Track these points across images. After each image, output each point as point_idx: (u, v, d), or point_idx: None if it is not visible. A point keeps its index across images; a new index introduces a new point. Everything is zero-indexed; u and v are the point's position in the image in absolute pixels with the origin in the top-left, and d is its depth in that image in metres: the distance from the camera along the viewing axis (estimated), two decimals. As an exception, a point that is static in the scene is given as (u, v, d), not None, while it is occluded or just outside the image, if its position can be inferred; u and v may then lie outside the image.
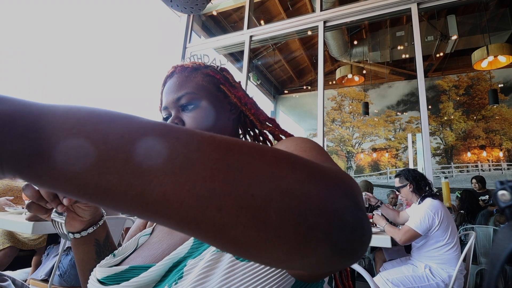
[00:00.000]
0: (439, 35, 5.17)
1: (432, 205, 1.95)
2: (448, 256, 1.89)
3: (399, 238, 1.94)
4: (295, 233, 0.20)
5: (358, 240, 0.22)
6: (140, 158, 0.20)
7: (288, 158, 0.22)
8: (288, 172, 0.21)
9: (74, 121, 0.20)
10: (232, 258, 0.41)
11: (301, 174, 0.21)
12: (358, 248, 0.22)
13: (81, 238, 0.58)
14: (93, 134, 0.20)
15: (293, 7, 4.93)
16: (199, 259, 0.43)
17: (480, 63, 4.29)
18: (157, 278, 0.46)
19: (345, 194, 0.22)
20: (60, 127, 0.20)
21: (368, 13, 3.28)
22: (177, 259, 0.46)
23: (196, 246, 0.47)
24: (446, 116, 6.02)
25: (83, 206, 0.55)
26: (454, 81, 6.11)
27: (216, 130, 0.58)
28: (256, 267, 0.41)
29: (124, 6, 9.87)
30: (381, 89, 6.68)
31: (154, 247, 0.54)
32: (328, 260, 0.21)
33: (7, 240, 2.32)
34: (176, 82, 0.60)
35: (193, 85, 0.60)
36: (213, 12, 4.64)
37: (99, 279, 0.50)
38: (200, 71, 0.62)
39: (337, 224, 0.21)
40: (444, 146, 5.95)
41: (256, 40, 3.93)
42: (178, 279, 0.43)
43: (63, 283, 1.77)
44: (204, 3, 2.57)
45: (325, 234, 0.20)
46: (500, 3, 4.91)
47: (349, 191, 0.23)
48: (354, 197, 0.23)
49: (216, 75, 0.63)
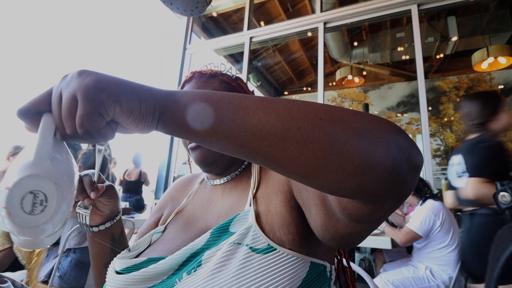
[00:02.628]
0: (439, 36, 5.17)
1: (433, 206, 1.95)
2: (449, 257, 1.89)
3: (400, 239, 1.94)
4: (360, 147, 0.27)
5: (414, 159, 0.29)
6: (239, 101, 0.31)
7: (342, 107, 0.32)
8: (345, 110, 0.30)
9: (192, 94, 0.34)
10: (248, 250, 0.44)
11: (357, 112, 0.30)
12: (414, 167, 0.29)
13: (99, 232, 0.62)
14: (209, 94, 0.33)
15: (293, 8, 4.94)
16: (216, 249, 0.46)
17: (480, 64, 4.29)
18: (174, 266, 0.49)
19: (395, 126, 0.29)
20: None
21: (368, 14, 3.28)
22: (194, 250, 0.49)
23: (213, 239, 0.50)
24: (447, 117, 6.02)
25: (104, 201, 0.59)
26: (454, 82, 6.11)
27: None
28: (271, 259, 0.43)
29: (125, 7, 9.90)
30: (381, 90, 6.67)
31: (168, 242, 0.57)
32: (385, 182, 0.28)
33: (7, 241, 2.31)
34: (195, 86, 0.63)
35: (212, 90, 0.63)
36: (213, 13, 4.65)
37: (117, 270, 0.53)
38: (217, 78, 0.66)
39: (395, 142, 0.28)
40: (444, 147, 5.95)
41: (256, 41, 3.93)
42: (197, 266, 0.46)
43: (62, 285, 1.77)
44: (204, 5, 2.57)
45: (386, 148, 0.27)
46: (500, 5, 4.91)
47: (397, 127, 0.30)
48: (403, 132, 0.30)
49: (232, 82, 0.67)
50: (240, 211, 0.52)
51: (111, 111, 0.31)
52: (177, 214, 0.65)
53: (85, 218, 0.57)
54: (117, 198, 0.62)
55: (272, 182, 0.55)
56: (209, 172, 0.64)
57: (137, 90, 0.32)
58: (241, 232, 0.47)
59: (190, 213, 0.63)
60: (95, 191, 0.54)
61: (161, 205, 0.72)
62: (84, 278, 1.79)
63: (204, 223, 0.58)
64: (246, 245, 0.45)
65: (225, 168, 0.62)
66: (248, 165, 0.64)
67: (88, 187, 0.54)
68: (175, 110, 0.32)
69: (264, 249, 0.44)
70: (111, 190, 0.60)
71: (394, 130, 0.29)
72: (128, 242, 0.68)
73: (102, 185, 0.56)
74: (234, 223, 0.51)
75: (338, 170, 0.27)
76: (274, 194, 0.52)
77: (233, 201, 0.58)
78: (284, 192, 0.51)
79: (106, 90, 0.30)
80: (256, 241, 0.45)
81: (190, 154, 0.61)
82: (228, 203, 0.58)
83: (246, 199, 0.55)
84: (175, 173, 3.94)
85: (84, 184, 0.54)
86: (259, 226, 0.48)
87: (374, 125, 0.28)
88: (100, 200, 0.59)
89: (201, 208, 0.62)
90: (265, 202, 0.52)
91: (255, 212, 0.50)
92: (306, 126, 0.28)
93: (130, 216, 2.62)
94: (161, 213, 0.70)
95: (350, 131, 0.27)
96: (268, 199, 0.52)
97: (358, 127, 0.27)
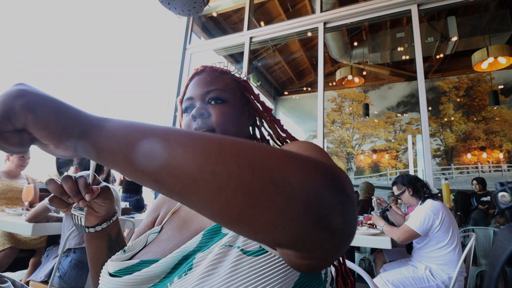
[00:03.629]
0: (439, 36, 5.18)
1: (432, 206, 1.95)
2: (449, 257, 1.89)
3: (398, 236, 1.95)
4: (275, 201, 0.24)
5: (338, 218, 0.25)
6: (163, 133, 0.29)
7: (276, 149, 0.28)
8: (273, 154, 0.27)
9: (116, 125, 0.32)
10: (240, 252, 0.43)
11: (286, 157, 0.26)
12: (339, 226, 0.25)
13: (96, 232, 0.62)
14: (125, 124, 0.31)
15: (293, 8, 4.94)
16: (208, 252, 0.46)
17: (480, 64, 4.29)
18: (166, 269, 0.48)
19: (325, 176, 0.26)
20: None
21: (368, 14, 3.28)
22: (186, 253, 0.49)
23: (205, 241, 0.49)
24: (446, 117, 6.02)
25: (100, 202, 0.59)
26: (454, 82, 6.11)
27: (235, 130, 0.62)
28: (262, 262, 0.43)
29: (125, 7, 9.89)
30: (381, 90, 6.68)
31: (163, 243, 0.56)
32: (309, 233, 0.25)
33: (7, 241, 2.32)
34: (207, 78, 0.64)
35: (223, 84, 0.64)
36: (213, 13, 4.65)
37: (110, 272, 0.53)
38: (228, 75, 0.67)
39: (314, 197, 0.24)
40: (444, 147, 5.95)
41: (256, 42, 3.93)
42: (188, 270, 0.45)
43: (62, 285, 1.77)
44: (201, 5, 2.57)
45: (303, 204, 0.24)
46: (500, 5, 4.92)
47: (331, 175, 0.26)
48: (337, 181, 0.26)
49: (242, 82, 0.69)
50: None
51: (22, 118, 0.30)
52: (173, 214, 0.64)
53: (80, 219, 0.57)
54: (113, 199, 0.61)
55: None
56: None
57: (62, 107, 0.32)
58: (232, 234, 0.46)
59: (186, 213, 0.62)
60: (90, 193, 0.53)
61: (157, 205, 0.71)
62: (84, 278, 1.79)
63: (199, 223, 0.57)
64: (237, 247, 0.44)
65: None
66: None
67: (83, 189, 0.53)
68: (96, 135, 0.31)
69: (255, 251, 0.44)
70: (107, 191, 0.59)
71: (318, 179, 0.25)
72: (126, 242, 0.67)
73: (97, 187, 0.56)
74: None
75: (251, 222, 0.25)
76: None
77: None
78: None
79: (23, 98, 0.30)
80: (247, 243, 0.44)
81: None
82: None
83: None
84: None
85: (79, 186, 0.53)
86: None
87: (298, 175, 0.25)
88: (95, 201, 0.58)
89: None
90: None
91: None
92: (221, 171, 0.25)
93: (130, 216, 2.63)
94: (158, 212, 0.69)
95: (268, 181, 0.24)
96: None
97: (277, 177, 0.24)
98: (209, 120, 0.60)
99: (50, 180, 0.52)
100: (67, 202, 0.55)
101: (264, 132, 0.73)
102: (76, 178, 0.54)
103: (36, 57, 6.68)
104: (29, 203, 2.37)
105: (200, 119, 0.59)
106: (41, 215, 1.84)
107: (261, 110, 0.70)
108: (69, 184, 0.52)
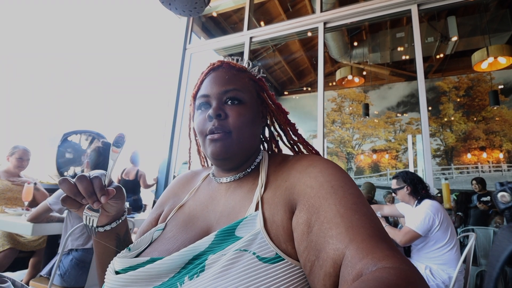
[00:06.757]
0: (439, 36, 5.18)
1: (432, 205, 1.95)
2: (448, 257, 1.89)
3: (399, 239, 1.94)
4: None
5: None
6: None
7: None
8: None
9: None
10: (255, 258, 0.43)
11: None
12: None
13: (105, 232, 0.61)
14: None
15: (293, 8, 4.94)
16: (221, 254, 0.45)
17: (480, 64, 4.29)
18: (174, 268, 0.47)
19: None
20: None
21: (368, 14, 3.28)
22: (197, 252, 0.48)
23: (217, 242, 0.48)
24: (446, 117, 6.02)
25: (112, 203, 0.58)
26: (454, 82, 6.11)
27: (250, 132, 0.60)
28: (278, 269, 0.42)
29: (125, 7, 9.89)
30: (381, 90, 6.67)
31: (169, 242, 0.56)
32: None
33: (7, 242, 2.32)
34: (225, 76, 0.62)
35: (241, 84, 0.62)
36: (213, 13, 4.65)
37: (117, 270, 0.52)
38: (246, 74, 0.65)
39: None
40: (444, 147, 5.95)
41: (256, 41, 3.93)
42: (200, 271, 0.44)
43: (63, 283, 1.77)
44: (202, 6, 2.57)
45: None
46: (500, 4, 4.92)
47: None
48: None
49: (258, 82, 0.67)
50: (247, 214, 0.50)
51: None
52: (178, 210, 0.64)
53: (92, 220, 0.55)
54: (124, 199, 0.60)
55: (281, 192, 0.52)
56: (220, 166, 0.62)
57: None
58: (248, 238, 0.45)
59: (190, 210, 0.61)
60: (106, 195, 0.51)
61: (162, 201, 0.71)
62: (84, 278, 1.79)
63: (205, 221, 0.57)
64: (252, 253, 0.43)
65: (240, 164, 0.60)
66: (257, 166, 0.62)
67: (99, 190, 0.51)
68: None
69: (271, 258, 0.43)
70: (119, 192, 0.58)
71: None
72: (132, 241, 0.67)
73: (112, 189, 0.54)
74: (240, 227, 0.49)
75: None
76: (281, 205, 0.50)
77: (236, 201, 0.56)
78: (291, 212, 0.49)
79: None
80: (263, 249, 0.44)
81: (207, 145, 0.58)
82: (231, 203, 0.57)
83: (250, 200, 0.54)
84: (175, 172, 3.94)
85: (94, 187, 0.51)
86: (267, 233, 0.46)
87: None
88: (108, 202, 0.57)
89: (203, 206, 0.61)
90: (271, 210, 0.50)
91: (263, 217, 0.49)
92: None
93: (131, 216, 2.63)
94: (162, 209, 0.68)
95: None
96: (275, 208, 0.50)
97: None
98: (225, 122, 0.58)
99: (63, 179, 0.50)
100: (80, 203, 0.52)
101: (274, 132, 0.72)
102: (91, 178, 0.52)
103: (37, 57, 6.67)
104: (29, 203, 2.37)
105: (217, 120, 0.57)
106: (42, 215, 1.83)
107: (276, 112, 0.68)
108: (84, 184, 0.50)
